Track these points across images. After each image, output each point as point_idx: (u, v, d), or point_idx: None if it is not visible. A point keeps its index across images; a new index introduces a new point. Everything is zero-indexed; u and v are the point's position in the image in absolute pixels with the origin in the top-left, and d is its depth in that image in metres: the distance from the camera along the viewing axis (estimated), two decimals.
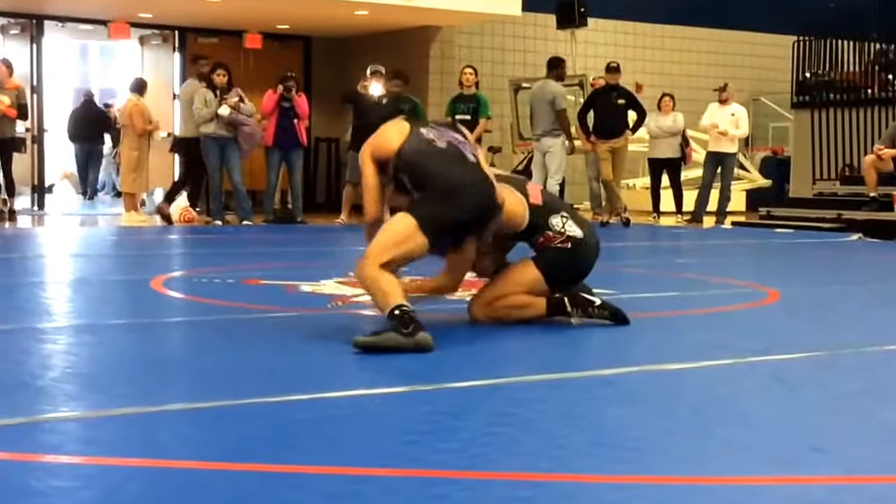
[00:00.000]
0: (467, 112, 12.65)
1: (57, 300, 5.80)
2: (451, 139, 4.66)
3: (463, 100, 12.82)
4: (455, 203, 4.45)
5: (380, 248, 4.37)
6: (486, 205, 4.57)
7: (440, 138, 4.63)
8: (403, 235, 4.38)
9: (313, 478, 2.54)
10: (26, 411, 3.12)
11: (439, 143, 4.60)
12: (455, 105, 12.87)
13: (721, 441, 2.96)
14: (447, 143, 4.62)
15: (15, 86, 12.14)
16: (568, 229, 4.92)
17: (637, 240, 11.63)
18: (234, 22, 15.00)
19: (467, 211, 4.49)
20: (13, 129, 12.23)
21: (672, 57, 18.72)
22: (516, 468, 2.64)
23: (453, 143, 4.65)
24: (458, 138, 4.71)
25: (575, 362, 4.12)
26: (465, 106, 12.70)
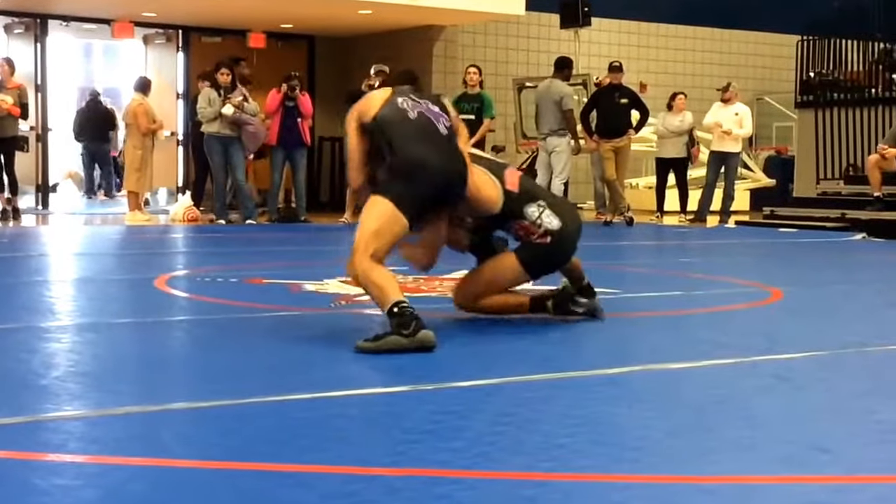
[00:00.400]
0: (471, 112, 12.64)
1: (60, 299, 5.80)
2: (425, 110, 4.60)
3: (467, 99, 12.81)
4: (420, 179, 4.42)
5: (365, 240, 4.34)
6: (452, 180, 4.53)
7: (413, 109, 4.57)
8: (385, 221, 4.35)
9: (316, 477, 2.54)
10: (30, 410, 3.12)
11: (410, 114, 4.54)
12: (459, 104, 12.84)
13: (724, 440, 2.95)
14: (418, 113, 4.56)
15: (16, 85, 12.18)
16: (545, 221, 4.86)
17: (640, 239, 11.62)
18: (238, 21, 15.01)
19: (433, 186, 4.46)
20: (16, 128, 12.26)
21: (676, 56, 18.71)
22: (519, 467, 2.64)
23: (425, 113, 4.59)
24: (434, 110, 4.64)
25: (578, 362, 4.12)
26: (469, 105, 12.69)
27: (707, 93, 16.74)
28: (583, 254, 5.27)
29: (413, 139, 4.50)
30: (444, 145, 4.57)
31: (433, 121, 4.60)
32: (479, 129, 12.75)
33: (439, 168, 4.49)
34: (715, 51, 19.11)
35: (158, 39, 15.78)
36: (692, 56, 18.84)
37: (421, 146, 4.50)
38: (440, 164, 4.49)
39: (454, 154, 4.61)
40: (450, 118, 4.72)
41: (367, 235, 4.35)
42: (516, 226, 4.88)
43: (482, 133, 12.84)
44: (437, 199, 4.55)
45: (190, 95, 14.63)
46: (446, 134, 4.61)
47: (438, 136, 4.58)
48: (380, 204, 4.40)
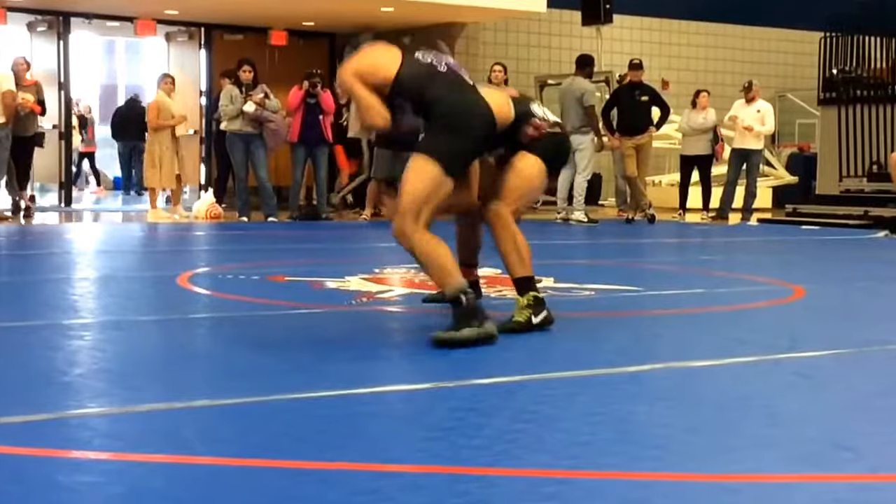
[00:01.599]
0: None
1: (83, 296, 5.84)
2: (449, 63, 4.51)
3: None
4: (467, 130, 4.34)
5: (415, 206, 4.24)
6: (491, 125, 4.45)
7: (439, 62, 4.46)
8: (433, 186, 4.26)
9: (337, 474, 2.55)
10: (53, 407, 3.14)
11: (440, 67, 4.43)
12: None
13: (746, 438, 2.94)
14: (446, 66, 4.47)
15: (32, 82, 12.29)
16: (549, 114, 4.88)
17: (662, 236, 11.58)
18: (260, 19, 15.05)
19: (479, 135, 4.39)
20: (35, 126, 12.35)
21: (698, 53, 18.64)
22: (540, 465, 2.64)
23: (452, 66, 4.50)
24: (454, 62, 4.56)
25: (599, 359, 4.11)
26: None
27: (729, 90, 16.66)
28: (605, 251, 5.26)
29: (451, 90, 4.39)
30: (478, 95, 4.46)
31: (460, 73, 4.51)
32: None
33: (485, 112, 4.39)
34: (737, 48, 19.02)
35: (181, 37, 15.84)
36: (714, 53, 18.76)
37: (462, 96, 4.41)
38: (484, 110, 4.39)
39: (484, 100, 4.47)
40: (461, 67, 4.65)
41: (417, 201, 4.25)
42: (529, 127, 4.69)
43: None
44: (481, 148, 4.49)
45: (213, 93, 14.68)
46: (472, 85, 4.54)
47: (470, 85, 4.50)
48: (427, 165, 4.28)
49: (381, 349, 4.36)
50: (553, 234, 11.45)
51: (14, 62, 12.34)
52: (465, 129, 4.33)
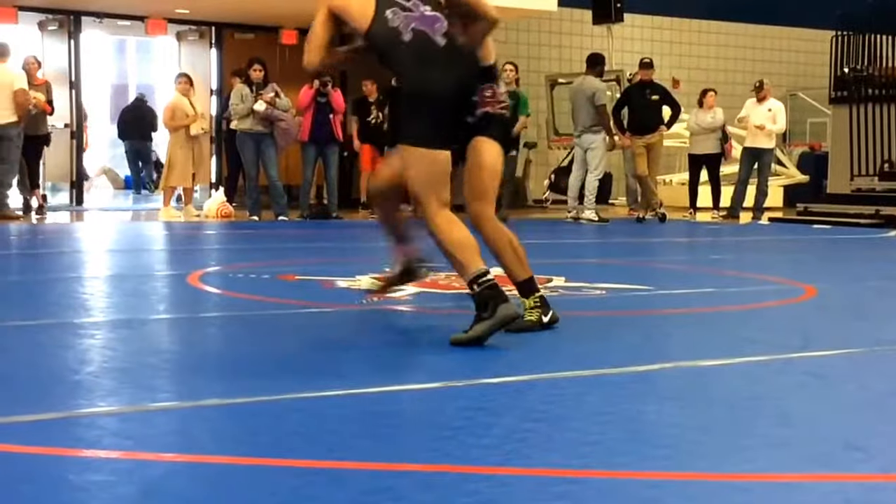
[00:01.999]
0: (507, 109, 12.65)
1: (94, 295, 5.85)
2: (419, 19, 4.33)
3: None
4: (430, 110, 4.26)
5: (425, 196, 4.27)
6: (464, 93, 4.31)
7: (406, 28, 4.32)
8: (427, 167, 4.26)
9: (348, 473, 2.55)
10: (64, 406, 3.15)
11: (405, 36, 4.31)
12: None
13: (757, 438, 2.93)
14: (412, 32, 4.30)
15: (42, 81, 12.33)
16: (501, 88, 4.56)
17: (673, 235, 11.56)
18: (271, 18, 15.07)
19: (446, 110, 4.28)
20: (46, 125, 12.39)
21: (709, 52, 18.60)
22: (550, 464, 2.64)
23: (419, 27, 4.32)
24: (427, 15, 4.35)
25: (609, 358, 4.10)
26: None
27: (740, 88, 16.64)
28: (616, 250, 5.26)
29: (412, 66, 4.32)
30: (444, 61, 4.31)
31: (429, 34, 4.32)
32: (515, 127, 12.73)
33: (445, 91, 4.29)
34: (748, 46, 18.98)
35: (191, 36, 15.87)
36: (725, 52, 18.72)
37: (422, 73, 4.30)
38: (445, 87, 4.29)
39: (458, 64, 4.32)
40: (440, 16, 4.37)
41: (423, 191, 4.28)
42: (490, 90, 4.46)
43: (517, 130, 12.83)
44: (454, 115, 4.34)
45: (223, 92, 14.71)
46: (444, 44, 4.33)
47: (436, 52, 4.31)
48: (412, 153, 4.30)
49: (391, 349, 4.35)
50: (564, 233, 11.44)
51: (25, 61, 12.38)
52: (429, 108, 4.28)
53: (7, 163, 11.63)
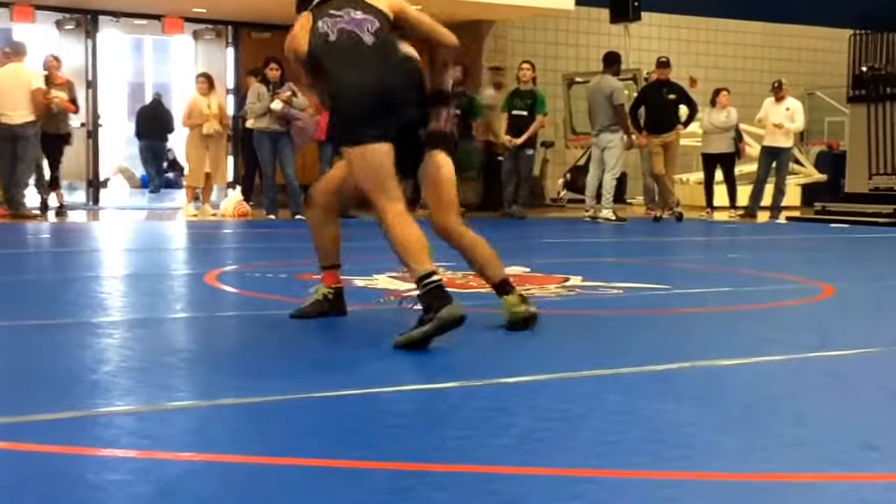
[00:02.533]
0: (524, 108, 12.67)
1: (112, 294, 5.87)
2: (346, 22, 4.38)
3: (520, 95, 12.82)
4: (356, 107, 4.29)
5: (374, 189, 4.28)
6: (392, 91, 4.30)
7: (333, 28, 4.38)
8: (368, 163, 4.27)
9: (363, 473, 2.55)
10: (82, 405, 3.16)
11: (331, 37, 4.37)
12: (512, 101, 12.87)
13: (773, 438, 2.92)
14: (338, 32, 4.36)
15: (64, 80, 12.34)
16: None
17: (690, 235, 11.53)
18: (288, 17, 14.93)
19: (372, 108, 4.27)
20: (68, 125, 12.41)
21: (726, 51, 18.53)
22: (567, 464, 2.63)
23: (346, 27, 4.37)
24: (357, 17, 4.40)
25: (626, 358, 4.09)
26: (522, 102, 12.72)
27: (757, 87, 16.56)
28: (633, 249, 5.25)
29: (337, 65, 4.35)
30: (370, 59, 4.34)
31: (356, 32, 4.37)
32: (532, 126, 12.73)
33: (369, 88, 4.29)
34: (766, 45, 18.90)
35: (208, 35, 15.90)
36: (743, 50, 18.64)
37: (346, 72, 4.33)
38: (368, 83, 4.30)
39: (386, 61, 4.35)
40: (382, 13, 4.43)
41: (370, 187, 4.30)
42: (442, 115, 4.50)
43: (534, 130, 12.82)
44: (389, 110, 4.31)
45: (240, 91, 14.73)
46: (373, 42, 4.36)
47: (362, 50, 4.34)
48: (350, 154, 4.34)
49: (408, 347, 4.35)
50: (581, 232, 11.43)
51: (45, 60, 12.41)
52: (355, 105, 4.31)
53: (24, 162, 11.67)
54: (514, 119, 12.73)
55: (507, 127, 12.69)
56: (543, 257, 8.03)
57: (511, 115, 12.76)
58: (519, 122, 12.71)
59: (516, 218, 12.78)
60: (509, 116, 12.77)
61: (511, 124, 12.69)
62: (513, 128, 12.66)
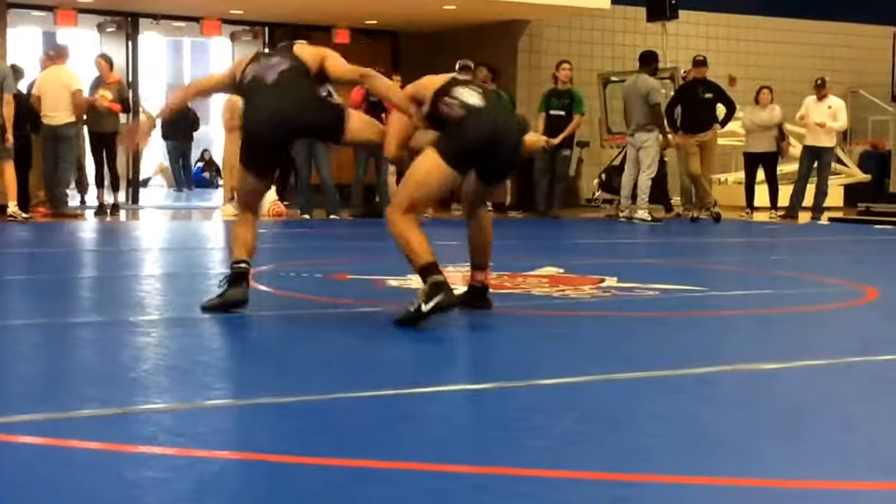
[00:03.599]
0: (562, 108, 12.63)
1: (150, 293, 5.90)
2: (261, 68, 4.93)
3: (557, 95, 12.77)
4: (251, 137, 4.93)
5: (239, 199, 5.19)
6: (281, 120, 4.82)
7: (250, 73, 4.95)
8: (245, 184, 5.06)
9: (401, 473, 2.53)
10: (120, 402, 3.17)
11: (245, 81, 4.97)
12: (549, 100, 12.81)
13: (817, 443, 2.88)
14: (252, 77, 4.92)
15: (116, 80, 12.40)
16: (465, 96, 4.68)
17: (729, 236, 11.44)
18: (324, 17, 15.13)
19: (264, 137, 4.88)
20: (116, 124, 12.46)
21: (766, 49, 18.36)
22: (605, 468, 2.61)
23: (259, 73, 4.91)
24: (272, 62, 4.95)
25: (665, 360, 4.06)
26: (560, 102, 12.67)
27: (799, 86, 16.39)
28: (670, 250, 5.21)
29: (245, 104, 5.00)
30: (268, 94, 4.85)
31: (262, 75, 4.89)
32: (570, 127, 12.67)
33: (260, 123, 4.85)
34: (807, 43, 18.71)
35: (245, 36, 15.99)
36: (783, 48, 18.46)
37: (248, 107, 4.97)
38: (260, 118, 4.85)
39: (281, 98, 4.83)
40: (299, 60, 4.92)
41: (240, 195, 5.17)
42: (441, 104, 4.68)
43: (572, 129, 12.77)
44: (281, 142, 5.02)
45: None
46: (274, 80, 4.86)
47: (264, 89, 4.86)
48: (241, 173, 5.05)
49: (445, 348, 4.34)
50: (617, 232, 11.37)
51: (96, 60, 12.49)
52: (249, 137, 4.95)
53: (65, 162, 11.78)
54: (551, 119, 12.69)
55: (544, 127, 12.65)
56: (578, 258, 7.99)
57: (548, 114, 12.72)
58: (557, 123, 12.65)
59: (549, 218, 12.74)
60: (546, 116, 12.73)
61: (548, 124, 12.65)
62: (550, 128, 12.61)
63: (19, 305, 5.31)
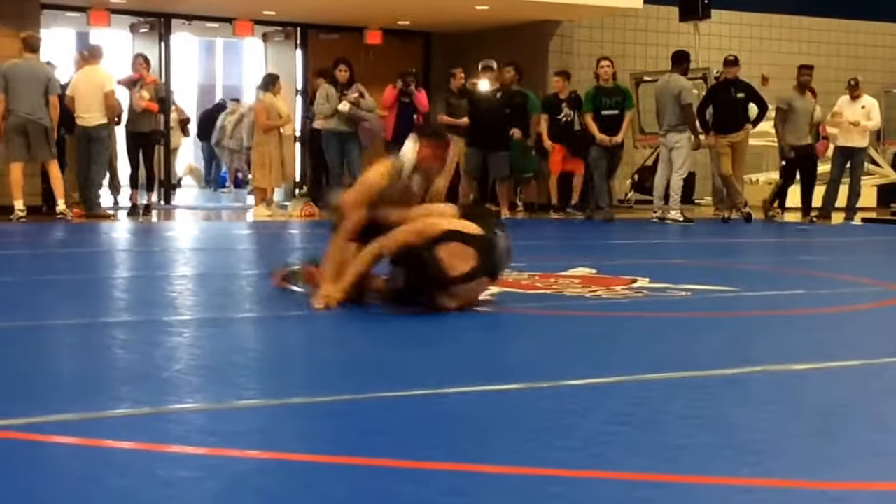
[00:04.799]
0: (615, 107, 12.38)
1: (182, 293, 5.94)
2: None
3: (607, 94, 12.52)
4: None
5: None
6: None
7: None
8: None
9: (430, 473, 2.54)
10: (153, 402, 3.20)
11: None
12: (600, 99, 12.52)
13: (851, 445, 2.86)
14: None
15: (153, 80, 12.48)
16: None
17: (760, 236, 11.37)
18: (356, 18, 15.17)
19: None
20: (154, 124, 12.54)
21: (800, 48, 18.23)
22: (635, 468, 2.60)
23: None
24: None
25: (696, 361, 4.04)
26: (611, 100, 12.43)
27: (832, 86, 16.27)
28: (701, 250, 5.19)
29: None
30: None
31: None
32: (624, 125, 12.47)
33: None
34: (840, 42, 18.57)
35: (277, 37, 16.06)
36: (816, 48, 18.33)
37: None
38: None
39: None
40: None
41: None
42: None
43: (629, 126, 12.53)
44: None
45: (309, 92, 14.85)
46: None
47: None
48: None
49: (474, 349, 4.35)
50: (648, 233, 11.32)
51: (135, 60, 12.57)
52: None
53: (97, 163, 11.88)
54: (604, 119, 12.40)
55: (599, 127, 12.40)
56: (610, 258, 7.97)
57: (600, 115, 12.49)
58: (610, 121, 12.39)
59: (604, 219, 12.51)
60: (597, 116, 12.49)
61: (602, 124, 12.39)
62: (605, 128, 12.40)
63: (54, 305, 5.36)
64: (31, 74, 11.15)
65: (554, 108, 13.29)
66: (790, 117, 12.98)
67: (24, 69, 11.18)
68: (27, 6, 12.60)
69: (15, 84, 11.06)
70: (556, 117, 13.23)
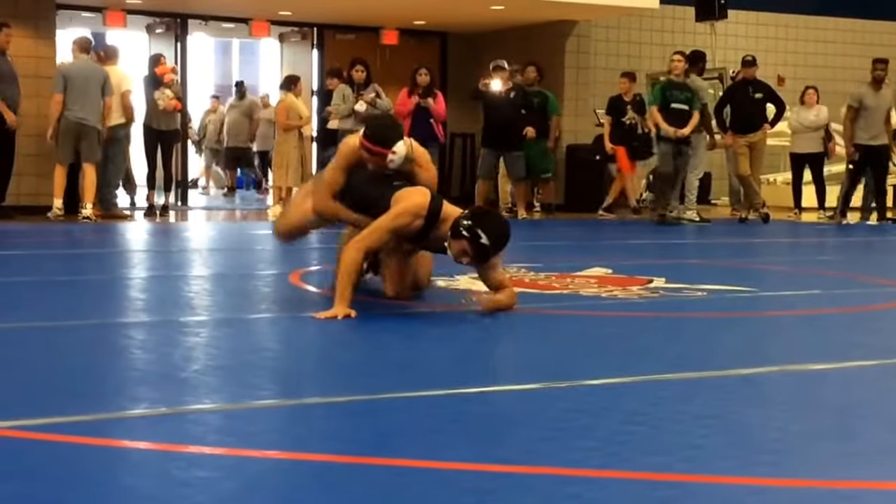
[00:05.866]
0: (685, 102, 11.99)
1: (199, 294, 5.96)
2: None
3: (678, 87, 12.11)
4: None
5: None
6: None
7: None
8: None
9: (448, 473, 2.55)
10: (170, 402, 3.21)
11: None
12: (671, 93, 12.10)
13: (867, 444, 2.85)
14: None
15: (171, 79, 12.53)
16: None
17: (777, 236, 11.33)
18: (372, 19, 15.19)
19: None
20: (175, 122, 12.59)
21: (816, 48, 18.17)
22: (652, 468, 2.60)
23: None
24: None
25: (712, 361, 4.04)
26: (683, 95, 12.03)
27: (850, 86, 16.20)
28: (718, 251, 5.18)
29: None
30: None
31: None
32: (692, 121, 12.00)
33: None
34: (857, 42, 18.49)
35: (293, 37, 16.08)
36: (833, 48, 18.26)
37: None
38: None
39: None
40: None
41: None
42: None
43: (696, 123, 12.04)
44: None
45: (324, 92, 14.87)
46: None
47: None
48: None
49: (491, 349, 4.35)
50: (665, 233, 11.30)
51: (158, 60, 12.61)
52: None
53: (114, 164, 11.92)
54: (672, 113, 11.98)
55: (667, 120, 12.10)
56: (626, 259, 7.96)
57: (670, 109, 12.02)
58: (679, 116, 11.98)
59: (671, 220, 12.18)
60: (667, 110, 12.02)
61: (670, 119, 11.97)
62: (673, 121, 11.94)
63: (71, 305, 5.38)
64: (90, 75, 11.27)
65: (618, 111, 13.17)
66: (862, 114, 12.60)
67: (83, 70, 11.29)
68: (43, 7, 12.64)
69: (74, 84, 11.15)
70: (620, 119, 13.11)
